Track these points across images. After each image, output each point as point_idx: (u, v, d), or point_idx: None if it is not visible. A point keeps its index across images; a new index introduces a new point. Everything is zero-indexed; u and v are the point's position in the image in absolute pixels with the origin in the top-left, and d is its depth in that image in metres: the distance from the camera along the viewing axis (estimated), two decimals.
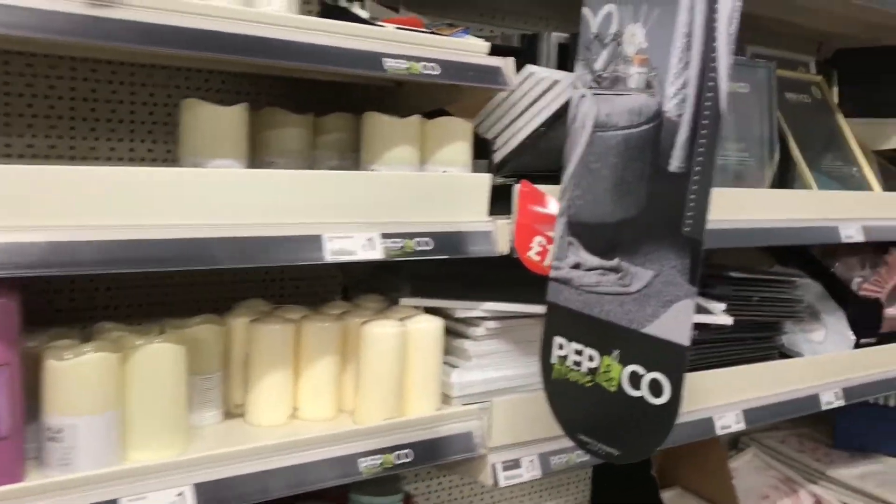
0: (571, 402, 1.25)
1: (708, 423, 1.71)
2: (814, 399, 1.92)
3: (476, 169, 1.36)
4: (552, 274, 1.28)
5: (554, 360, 1.28)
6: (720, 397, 1.74)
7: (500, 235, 1.33)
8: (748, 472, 2.38)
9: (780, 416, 1.86)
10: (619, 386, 1.17)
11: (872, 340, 2.15)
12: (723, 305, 1.69)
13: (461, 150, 1.34)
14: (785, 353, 1.98)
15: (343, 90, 1.63)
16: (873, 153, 2.42)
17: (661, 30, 1.10)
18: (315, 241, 1.15)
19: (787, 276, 1.89)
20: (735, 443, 2.60)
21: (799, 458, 2.42)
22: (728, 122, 1.87)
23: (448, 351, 1.46)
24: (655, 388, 1.13)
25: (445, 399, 1.41)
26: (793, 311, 1.90)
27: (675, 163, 1.09)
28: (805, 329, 2.08)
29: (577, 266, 1.23)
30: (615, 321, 1.17)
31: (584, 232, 1.23)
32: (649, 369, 1.13)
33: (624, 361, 1.16)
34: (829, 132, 2.11)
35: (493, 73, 1.28)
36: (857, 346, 2.12)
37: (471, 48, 1.27)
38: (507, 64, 1.30)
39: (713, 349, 1.79)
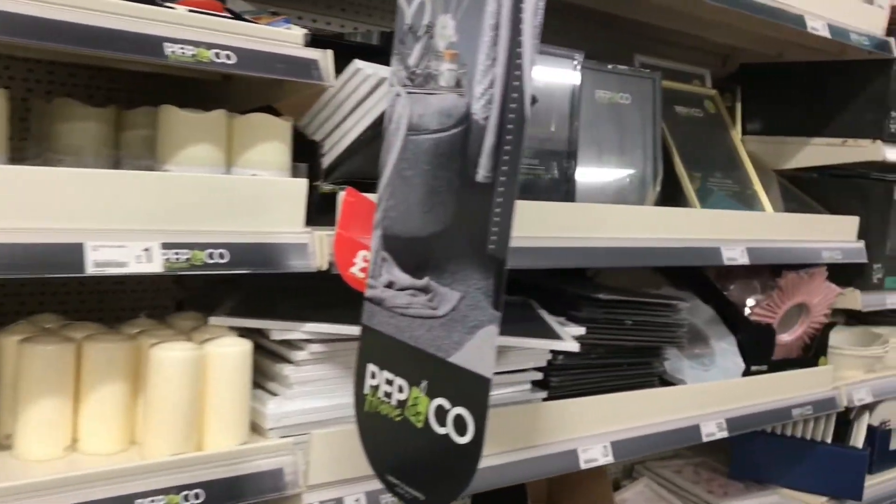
0: (381, 437, 1.11)
1: (571, 455, 1.58)
2: (694, 430, 1.81)
3: (296, 173, 1.22)
4: (367, 293, 1.15)
5: (367, 390, 1.14)
6: (586, 427, 1.62)
7: (318, 249, 1.19)
8: (638, 503, 2.27)
9: (656, 447, 1.74)
10: (426, 421, 1.03)
11: (763, 368, 2.05)
12: (580, 330, 1.56)
13: (276, 151, 1.20)
14: (667, 381, 1.87)
15: (177, 84, 1.48)
16: (775, 172, 2.34)
17: (470, 21, 0.97)
18: (74, 249, 0.99)
19: (666, 299, 1.78)
20: (630, 472, 2.48)
21: (692, 490, 2.31)
22: (608, 133, 1.77)
23: (270, 377, 1.32)
24: (460, 424, 0.99)
25: (261, 431, 1.26)
26: (672, 337, 1.79)
27: (482, 172, 0.96)
28: (691, 355, 1.97)
29: (390, 285, 1.10)
30: (424, 348, 1.04)
31: (396, 247, 1.10)
32: (454, 404, 1.00)
33: (431, 394, 1.03)
34: (722, 149, 2.02)
35: (307, 67, 1.14)
36: (748, 373, 2.02)
37: (279, 37, 1.13)
38: (324, 57, 1.17)
39: (583, 376, 1.67)
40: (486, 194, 0.95)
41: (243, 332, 1.25)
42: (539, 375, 1.59)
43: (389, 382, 1.09)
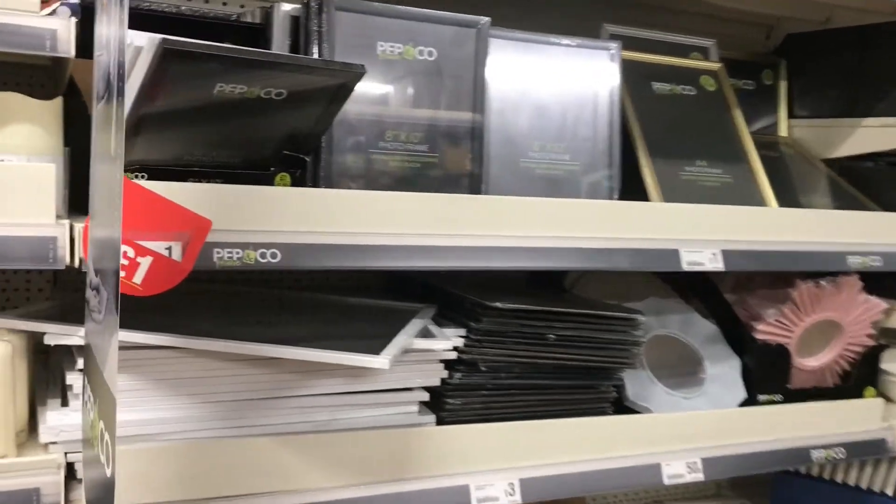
0: (88, 472, 0.95)
1: (462, 491, 1.34)
2: (651, 470, 1.50)
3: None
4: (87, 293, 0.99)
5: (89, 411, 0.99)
6: (484, 460, 1.37)
7: (69, 244, 1.05)
8: None
9: (590, 487, 1.45)
10: (98, 448, 0.87)
11: (775, 398, 1.68)
12: (452, 342, 1.32)
13: (29, 134, 1.08)
14: (629, 410, 1.56)
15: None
16: (824, 163, 1.94)
17: None
18: None
19: (612, 311, 1.49)
20: None
21: None
22: (550, 113, 1.51)
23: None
24: (107, 451, 0.82)
25: (42, 447, 1.14)
26: (621, 357, 1.49)
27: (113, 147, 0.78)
28: (674, 380, 1.65)
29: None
30: (96, 357, 0.87)
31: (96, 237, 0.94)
32: (106, 427, 0.82)
33: (100, 415, 0.86)
34: (716, 133, 1.68)
35: (39, 37, 1.01)
36: (753, 403, 1.66)
37: (9, 5, 1.01)
38: (66, 27, 1.03)
39: (495, 398, 1.42)
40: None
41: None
42: (425, 396, 1.36)
43: (87, 400, 0.93)
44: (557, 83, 1.51)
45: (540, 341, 1.42)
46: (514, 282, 1.75)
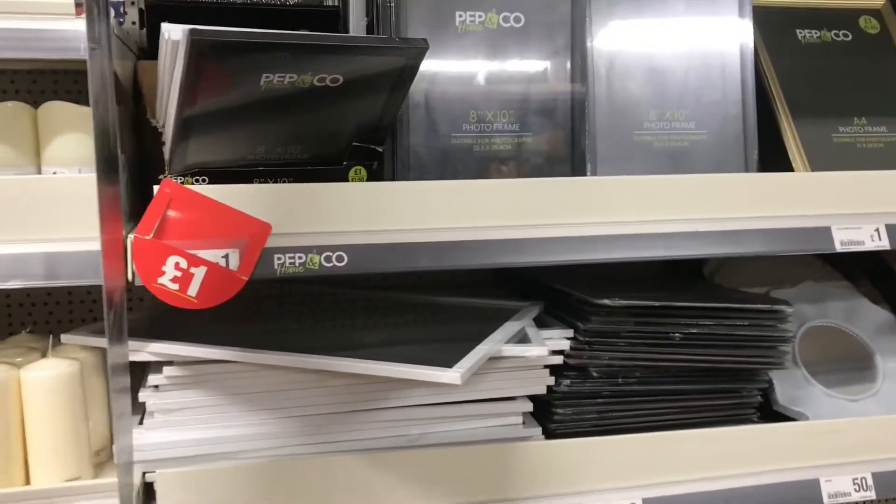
0: None
1: None
2: (809, 486, 1.27)
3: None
4: None
5: None
6: (595, 478, 1.20)
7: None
8: None
9: None
10: None
11: None
12: (540, 350, 1.15)
13: (78, 144, 1.03)
14: (780, 415, 1.34)
15: None
16: None
17: None
18: None
19: (752, 303, 1.27)
20: None
21: None
22: (668, 76, 1.32)
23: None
24: None
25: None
26: (764, 357, 1.27)
27: None
28: (837, 379, 1.40)
29: None
30: None
31: None
32: None
33: None
34: (879, 85, 1.40)
35: (72, 40, 0.95)
36: None
37: (41, 10, 0.96)
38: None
39: (612, 408, 1.25)
40: None
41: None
42: (528, 406, 1.21)
43: None
44: (675, 39, 1.31)
45: (663, 341, 1.23)
46: (644, 272, 1.56)
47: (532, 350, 1.13)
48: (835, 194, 1.22)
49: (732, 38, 1.31)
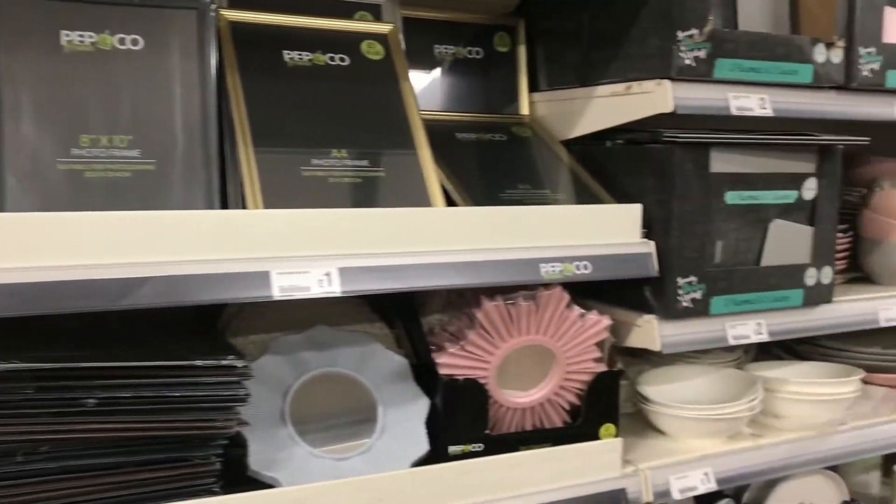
0: None
1: None
2: None
3: None
4: None
5: None
6: None
7: None
8: None
9: None
10: None
11: (475, 448, 1.31)
12: None
13: None
14: (255, 481, 1.19)
15: None
16: (564, 146, 1.57)
17: None
18: None
19: (173, 359, 1.10)
20: None
21: None
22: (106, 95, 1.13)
23: None
24: None
25: None
26: (205, 420, 1.10)
27: None
28: (332, 435, 1.28)
29: None
30: None
31: None
32: None
33: None
34: (371, 114, 1.29)
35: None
36: (443, 457, 1.29)
37: None
38: None
39: (27, 489, 1.03)
40: None
41: None
42: None
43: None
44: (115, 52, 1.13)
45: (72, 409, 1.03)
46: (126, 322, 1.36)
47: None
48: (274, 234, 1.08)
49: (191, 59, 1.16)
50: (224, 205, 1.18)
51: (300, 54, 1.27)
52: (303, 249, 1.10)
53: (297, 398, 1.27)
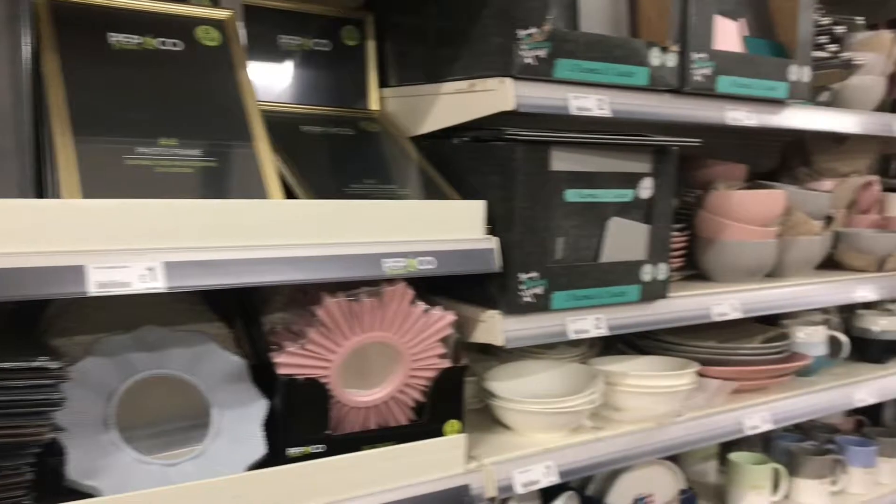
0: None
1: None
2: None
3: None
4: None
5: None
6: None
7: None
8: None
9: None
10: None
11: (316, 449, 1.28)
12: None
13: None
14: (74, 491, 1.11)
15: None
16: (413, 144, 1.56)
17: None
18: None
19: None
20: None
21: None
22: None
23: None
24: None
25: None
26: (17, 427, 1.03)
27: None
28: (162, 441, 1.21)
29: None
30: None
31: None
32: None
33: None
34: (205, 102, 1.24)
35: None
36: (282, 459, 1.25)
37: None
38: None
39: None
40: None
41: None
42: None
43: None
44: None
45: None
46: None
47: None
48: (89, 226, 1.02)
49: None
50: (40, 196, 1.10)
51: (128, 37, 1.20)
52: (124, 243, 1.04)
53: (124, 402, 1.19)
